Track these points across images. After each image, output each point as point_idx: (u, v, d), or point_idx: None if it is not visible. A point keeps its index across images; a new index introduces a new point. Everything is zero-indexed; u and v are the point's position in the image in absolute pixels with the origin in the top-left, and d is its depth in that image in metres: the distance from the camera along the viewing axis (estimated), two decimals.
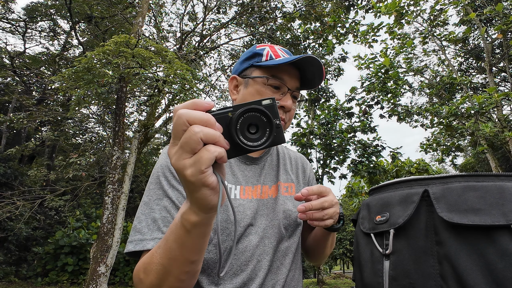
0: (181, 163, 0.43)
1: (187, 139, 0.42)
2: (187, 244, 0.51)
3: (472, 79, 13.16)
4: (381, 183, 0.72)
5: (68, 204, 8.74)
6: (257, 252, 0.80)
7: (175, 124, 0.43)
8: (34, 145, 9.15)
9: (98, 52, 5.21)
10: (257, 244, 0.80)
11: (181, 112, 0.42)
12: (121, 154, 6.22)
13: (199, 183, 0.44)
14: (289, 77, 0.87)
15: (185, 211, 0.50)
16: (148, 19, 9.93)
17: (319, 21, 9.09)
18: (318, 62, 0.84)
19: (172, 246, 0.53)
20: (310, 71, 0.88)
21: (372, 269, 0.63)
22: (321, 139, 9.39)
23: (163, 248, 0.55)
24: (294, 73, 0.88)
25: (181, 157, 0.43)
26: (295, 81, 0.88)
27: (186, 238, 0.51)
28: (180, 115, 0.42)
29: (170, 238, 0.53)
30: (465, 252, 0.51)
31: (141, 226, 0.72)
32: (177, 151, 0.43)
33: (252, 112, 0.47)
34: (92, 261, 5.67)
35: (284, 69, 0.86)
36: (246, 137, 0.47)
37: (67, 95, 10.84)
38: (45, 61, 12.94)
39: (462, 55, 14.24)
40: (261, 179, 0.90)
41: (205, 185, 0.44)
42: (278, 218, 0.85)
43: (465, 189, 0.55)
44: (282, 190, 0.91)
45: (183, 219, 0.50)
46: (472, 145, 13.51)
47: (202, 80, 9.48)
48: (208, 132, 0.42)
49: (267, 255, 0.81)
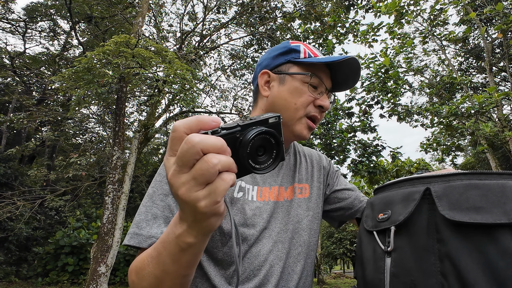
0: (193, 195, 0.39)
1: (204, 171, 0.37)
2: (181, 261, 0.49)
3: (472, 79, 13.16)
4: (385, 183, 0.72)
5: (68, 204, 8.74)
6: (270, 257, 0.77)
7: (184, 152, 0.38)
8: (34, 145, 9.14)
9: (98, 52, 5.20)
10: (271, 249, 0.77)
11: (193, 140, 0.37)
12: (121, 154, 6.21)
13: (211, 213, 0.41)
14: (325, 77, 0.84)
15: (181, 234, 0.46)
16: (148, 19, 9.93)
17: (319, 21, 9.09)
18: (357, 64, 0.81)
19: (166, 260, 0.50)
20: (344, 73, 0.85)
21: (374, 266, 0.63)
22: (321, 139, 9.38)
23: (156, 260, 0.52)
24: (328, 73, 0.86)
25: (193, 189, 0.39)
26: (329, 81, 0.86)
27: (181, 255, 0.48)
28: (194, 144, 0.37)
29: (164, 253, 0.50)
30: (466, 250, 0.51)
31: (139, 218, 0.69)
32: (188, 182, 0.39)
33: (262, 135, 0.44)
34: (92, 261, 5.66)
35: (321, 69, 0.84)
36: (254, 160, 0.45)
37: (67, 95, 10.85)
38: (45, 61, 12.93)
39: (462, 55, 14.24)
40: (278, 180, 0.87)
41: (217, 214, 0.42)
42: (292, 222, 0.83)
43: (467, 187, 0.55)
44: (297, 192, 0.89)
45: (179, 240, 0.46)
46: (472, 144, 13.50)
47: (202, 80, 9.48)
48: (226, 162, 0.38)
49: (280, 260, 0.78)
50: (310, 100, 0.82)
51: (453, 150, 9.62)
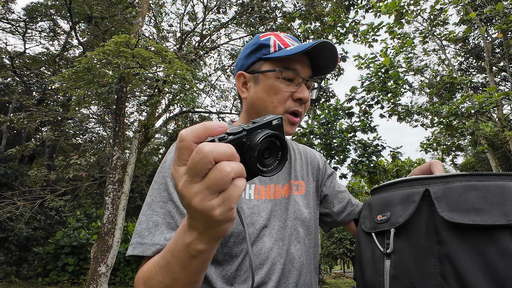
0: (208, 204, 0.38)
1: (218, 180, 0.37)
2: (191, 268, 0.48)
3: (472, 79, 13.15)
4: (382, 183, 0.72)
5: (69, 204, 8.75)
6: (272, 255, 0.77)
7: (197, 162, 0.37)
8: (34, 145, 9.15)
9: (98, 52, 5.21)
10: (271, 247, 0.77)
11: (205, 149, 0.37)
12: (121, 154, 6.22)
13: (225, 220, 0.41)
14: (301, 67, 0.82)
15: (191, 242, 0.45)
16: (148, 19, 9.93)
17: (319, 21, 9.09)
18: (332, 46, 0.79)
19: (175, 268, 0.50)
20: (323, 57, 0.83)
21: (373, 268, 0.63)
22: (321, 139, 9.38)
23: (165, 269, 0.52)
24: (306, 61, 0.83)
25: (208, 198, 0.38)
26: (307, 69, 0.84)
27: (191, 262, 0.48)
28: (206, 153, 0.36)
29: (172, 261, 0.50)
30: (465, 252, 0.51)
31: (141, 228, 0.68)
32: (202, 191, 0.38)
33: (269, 138, 0.44)
34: (92, 261, 5.67)
35: (295, 59, 0.81)
36: (261, 163, 0.45)
37: (67, 95, 10.86)
38: (45, 61, 12.93)
39: (462, 55, 14.24)
40: (274, 178, 0.87)
41: (231, 220, 0.42)
42: (290, 219, 0.83)
43: (466, 188, 0.55)
44: (293, 188, 0.88)
45: (190, 248, 0.46)
46: (472, 144, 13.50)
47: (202, 80, 9.48)
48: (238, 169, 0.38)
49: (281, 257, 0.78)
50: (286, 95, 0.81)
51: (453, 150, 9.62)
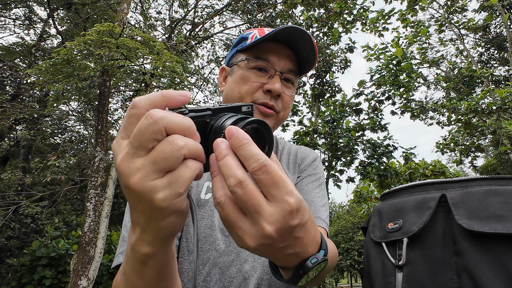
0: (148, 184, 0.34)
1: (166, 154, 0.33)
2: (146, 276, 0.45)
3: (493, 71, 13.22)
4: (393, 188, 0.72)
5: (46, 211, 8.73)
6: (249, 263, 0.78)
7: (143, 129, 0.34)
8: (7, 146, 9.13)
9: (79, 42, 5.20)
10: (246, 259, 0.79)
11: (155, 115, 0.33)
12: (104, 155, 6.21)
13: (171, 209, 0.36)
14: (277, 58, 0.84)
15: (135, 243, 0.41)
16: (134, 5, 9.93)
17: (323, 7, 9.10)
18: (306, 34, 0.80)
19: (132, 276, 0.46)
20: (303, 48, 0.85)
21: (384, 281, 0.63)
22: (326, 139, 9.40)
23: (125, 277, 0.49)
24: (285, 53, 0.86)
25: (150, 176, 0.34)
26: (286, 61, 0.86)
27: (144, 270, 0.44)
28: (156, 119, 0.33)
29: (127, 268, 0.47)
30: (486, 264, 0.51)
31: (122, 236, 0.73)
32: (144, 167, 0.34)
33: (254, 125, 0.41)
34: (72, 274, 5.66)
35: (270, 49, 0.84)
36: None
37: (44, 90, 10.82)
38: (20, 52, 12.89)
39: (483, 45, 14.30)
40: None
41: (178, 211, 0.37)
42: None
43: (487, 193, 0.55)
44: None
45: (135, 251, 0.42)
46: (493, 144, 13.55)
47: (194, 73, 9.48)
48: (193, 147, 0.35)
49: (262, 261, 0.79)
50: (255, 86, 0.84)
51: (472, 150, 9.66)
